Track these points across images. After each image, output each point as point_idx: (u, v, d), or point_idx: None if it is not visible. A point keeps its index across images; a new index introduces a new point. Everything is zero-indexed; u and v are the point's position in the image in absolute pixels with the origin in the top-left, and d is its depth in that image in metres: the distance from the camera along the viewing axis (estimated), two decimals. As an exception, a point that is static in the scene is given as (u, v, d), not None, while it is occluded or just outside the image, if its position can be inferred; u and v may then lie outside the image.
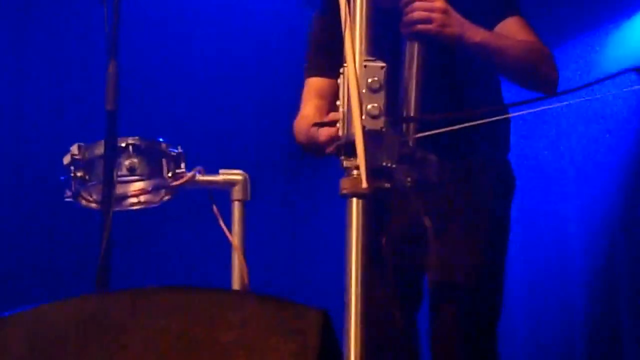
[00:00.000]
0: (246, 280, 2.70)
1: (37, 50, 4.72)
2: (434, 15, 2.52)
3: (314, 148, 2.61)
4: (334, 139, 2.27)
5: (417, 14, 2.53)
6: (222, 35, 4.81)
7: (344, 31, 2.21)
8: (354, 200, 2.16)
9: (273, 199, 4.59)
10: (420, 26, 2.52)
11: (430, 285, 2.71)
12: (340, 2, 2.22)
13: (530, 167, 4.90)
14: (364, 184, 2.14)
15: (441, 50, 2.59)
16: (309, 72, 2.88)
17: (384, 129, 2.19)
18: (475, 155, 2.71)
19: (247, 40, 4.81)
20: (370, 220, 2.17)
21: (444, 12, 2.53)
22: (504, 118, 2.71)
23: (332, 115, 2.39)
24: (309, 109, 2.83)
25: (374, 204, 2.20)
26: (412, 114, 2.48)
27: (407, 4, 2.54)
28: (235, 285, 2.71)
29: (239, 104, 4.82)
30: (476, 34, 2.58)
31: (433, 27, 2.52)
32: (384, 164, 2.22)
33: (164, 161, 2.70)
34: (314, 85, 2.86)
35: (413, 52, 2.53)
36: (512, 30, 2.69)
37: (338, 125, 2.22)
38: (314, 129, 2.54)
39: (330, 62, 2.62)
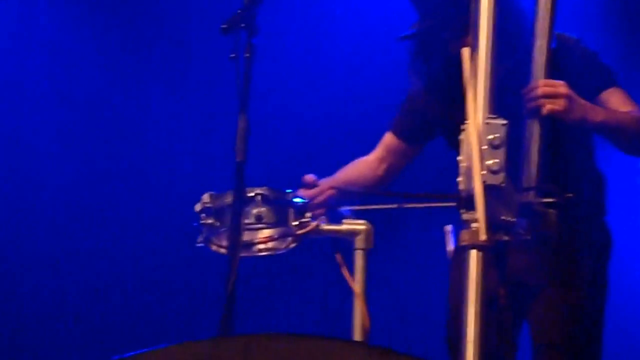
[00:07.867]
0: (367, 328, 2.74)
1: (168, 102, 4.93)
2: (559, 101, 2.65)
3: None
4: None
5: (542, 99, 2.64)
6: (348, 91, 4.87)
7: (466, 88, 2.29)
8: (473, 251, 2.22)
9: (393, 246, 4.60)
10: (548, 107, 2.63)
11: (532, 343, 2.86)
12: (464, 58, 2.31)
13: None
14: (483, 236, 2.20)
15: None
16: (391, 126, 3.19)
17: (503, 184, 2.25)
18: (575, 218, 2.79)
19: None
20: (488, 271, 2.22)
21: (568, 97, 2.67)
22: (601, 182, 2.95)
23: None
24: (373, 155, 3.21)
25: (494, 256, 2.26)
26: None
27: (532, 89, 2.65)
28: (356, 333, 2.74)
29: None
30: (597, 115, 2.77)
31: (558, 109, 2.65)
32: (503, 217, 2.28)
33: (290, 210, 2.79)
34: (388, 139, 3.20)
35: (533, 130, 2.62)
36: (613, 101, 2.88)
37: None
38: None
39: (410, 129, 3.12)
